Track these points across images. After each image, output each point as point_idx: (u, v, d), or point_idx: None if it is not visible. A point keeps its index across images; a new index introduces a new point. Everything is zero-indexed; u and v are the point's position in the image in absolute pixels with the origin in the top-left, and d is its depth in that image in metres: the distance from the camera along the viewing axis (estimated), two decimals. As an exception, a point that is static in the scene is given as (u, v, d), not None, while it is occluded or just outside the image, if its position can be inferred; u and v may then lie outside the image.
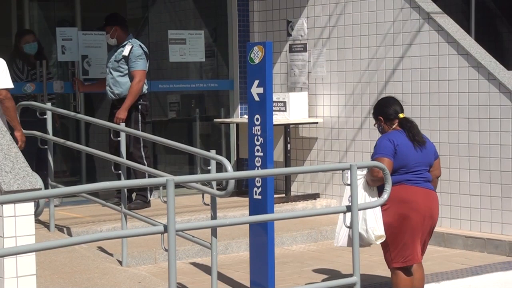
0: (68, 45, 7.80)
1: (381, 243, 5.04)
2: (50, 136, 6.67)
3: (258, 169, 5.39)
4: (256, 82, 5.43)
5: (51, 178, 6.71)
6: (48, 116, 6.67)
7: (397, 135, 5.06)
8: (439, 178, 5.21)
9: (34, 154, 7.07)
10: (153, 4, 8.96)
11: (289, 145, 8.03)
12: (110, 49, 7.57)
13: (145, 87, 7.35)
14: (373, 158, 5.00)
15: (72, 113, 6.98)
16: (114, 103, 7.39)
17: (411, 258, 5.03)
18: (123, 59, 7.29)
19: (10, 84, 5.86)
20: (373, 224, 4.94)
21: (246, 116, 7.82)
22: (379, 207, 4.84)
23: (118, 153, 6.34)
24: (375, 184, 4.96)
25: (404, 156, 4.99)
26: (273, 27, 8.54)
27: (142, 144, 7.22)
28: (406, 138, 5.05)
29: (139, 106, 7.29)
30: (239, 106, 8.62)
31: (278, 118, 7.94)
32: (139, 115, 7.29)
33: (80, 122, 8.06)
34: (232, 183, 5.14)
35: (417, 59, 7.32)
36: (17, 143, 5.93)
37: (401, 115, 5.16)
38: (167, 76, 8.84)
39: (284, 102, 8.07)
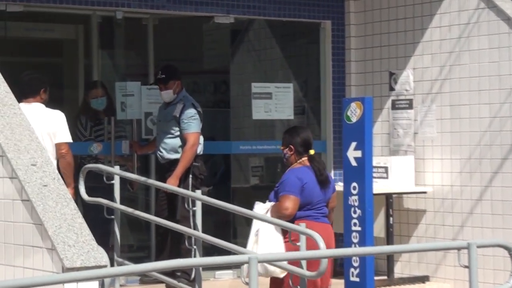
0: (130, 102, 7.98)
1: (283, 277, 5.76)
2: (117, 205, 6.82)
3: (355, 246, 5.40)
4: (353, 144, 5.49)
5: (117, 253, 6.84)
6: (116, 182, 6.82)
7: (306, 172, 5.97)
8: (334, 209, 6.26)
9: (99, 224, 7.25)
10: (234, 53, 9.16)
11: (391, 218, 7.99)
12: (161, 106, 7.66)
13: (200, 147, 7.49)
14: (280, 194, 5.91)
15: (143, 179, 7.15)
16: (165, 166, 7.55)
17: None
18: (173, 120, 7.45)
19: (69, 138, 6.39)
20: None
21: (341, 184, 7.84)
22: (282, 239, 5.75)
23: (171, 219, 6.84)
24: (281, 219, 5.82)
25: (310, 194, 5.95)
26: (373, 80, 8.61)
27: (191, 213, 6.82)
28: (313, 175, 5.98)
29: (192, 169, 7.41)
30: (332, 172, 8.65)
31: (379, 186, 7.93)
32: (190, 179, 7.39)
33: (150, 188, 8.21)
34: (325, 263, 5.16)
35: (548, 118, 7.23)
36: None
37: (311, 152, 6.06)
38: (249, 136, 8.97)
39: (386, 168, 8.06)
